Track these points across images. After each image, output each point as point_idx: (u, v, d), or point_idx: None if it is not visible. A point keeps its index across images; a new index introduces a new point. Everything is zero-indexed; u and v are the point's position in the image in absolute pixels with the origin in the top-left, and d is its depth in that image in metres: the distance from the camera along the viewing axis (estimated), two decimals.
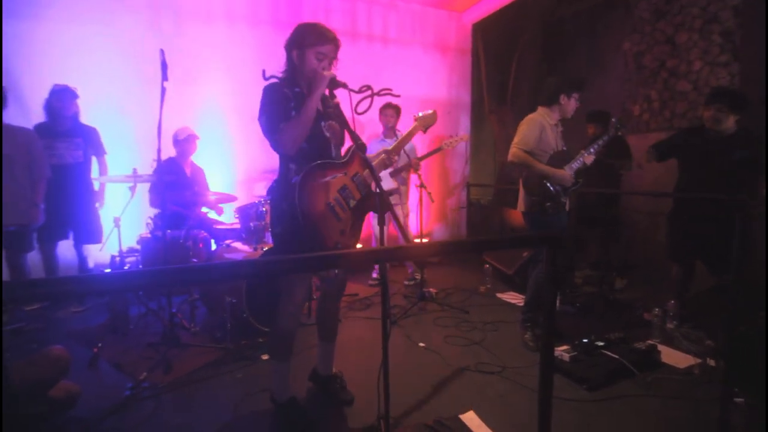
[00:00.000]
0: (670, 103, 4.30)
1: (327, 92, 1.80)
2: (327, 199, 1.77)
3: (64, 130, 3.41)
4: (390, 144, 3.86)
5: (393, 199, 3.93)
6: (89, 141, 3.52)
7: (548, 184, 2.70)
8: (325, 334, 2.20)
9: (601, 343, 2.55)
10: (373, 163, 1.97)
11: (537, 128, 2.69)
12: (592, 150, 2.75)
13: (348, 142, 1.94)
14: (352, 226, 1.88)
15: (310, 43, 1.79)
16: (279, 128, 1.73)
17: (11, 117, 3.24)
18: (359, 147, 1.85)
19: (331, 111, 1.95)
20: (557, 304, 3.35)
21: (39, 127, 3.35)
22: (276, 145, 1.78)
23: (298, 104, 1.78)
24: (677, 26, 4.21)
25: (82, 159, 3.47)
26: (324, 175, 1.78)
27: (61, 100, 3.34)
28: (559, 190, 2.70)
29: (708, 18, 3.96)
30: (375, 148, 3.90)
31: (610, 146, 3.83)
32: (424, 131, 2.36)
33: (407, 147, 3.93)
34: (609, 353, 2.45)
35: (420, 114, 2.40)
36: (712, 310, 2.80)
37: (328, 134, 1.88)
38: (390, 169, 3.71)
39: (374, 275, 4.33)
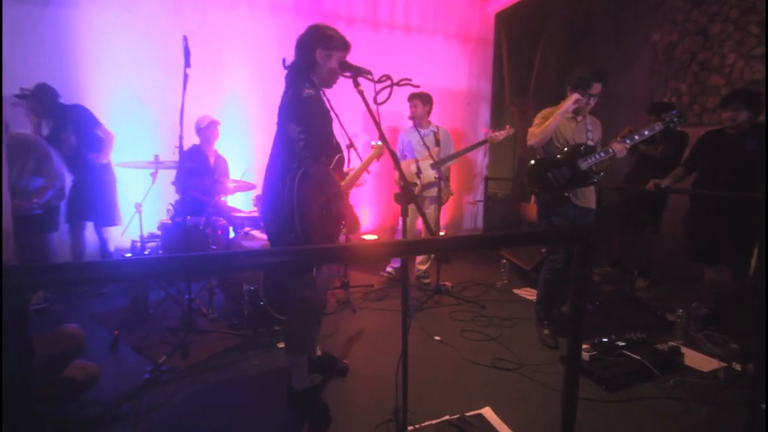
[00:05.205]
0: (701, 98, 4.14)
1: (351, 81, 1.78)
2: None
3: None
4: (426, 134, 3.72)
5: (431, 192, 3.69)
6: (71, 119, 3.44)
7: (549, 175, 2.65)
8: None
9: (621, 343, 2.50)
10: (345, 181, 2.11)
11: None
12: (628, 141, 2.58)
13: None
14: None
15: (336, 47, 1.86)
16: (319, 162, 1.82)
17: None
18: (340, 159, 2.03)
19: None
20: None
21: None
22: (304, 161, 1.81)
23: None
24: (712, 16, 4.03)
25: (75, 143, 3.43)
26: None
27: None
28: (562, 183, 2.63)
29: (745, 8, 3.78)
30: (407, 139, 3.83)
31: (669, 139, 3.64)
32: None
33: (442, 137, 3.80)
34: (630, 354, 2.40)
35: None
36: (740, 312, 2.71)
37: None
38: (431, 161, 3.56)
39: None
